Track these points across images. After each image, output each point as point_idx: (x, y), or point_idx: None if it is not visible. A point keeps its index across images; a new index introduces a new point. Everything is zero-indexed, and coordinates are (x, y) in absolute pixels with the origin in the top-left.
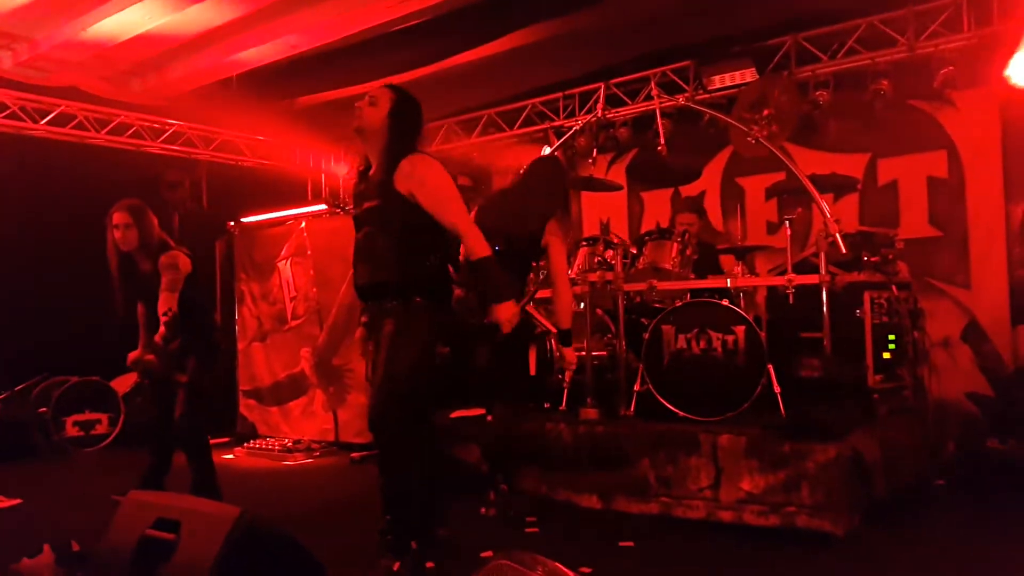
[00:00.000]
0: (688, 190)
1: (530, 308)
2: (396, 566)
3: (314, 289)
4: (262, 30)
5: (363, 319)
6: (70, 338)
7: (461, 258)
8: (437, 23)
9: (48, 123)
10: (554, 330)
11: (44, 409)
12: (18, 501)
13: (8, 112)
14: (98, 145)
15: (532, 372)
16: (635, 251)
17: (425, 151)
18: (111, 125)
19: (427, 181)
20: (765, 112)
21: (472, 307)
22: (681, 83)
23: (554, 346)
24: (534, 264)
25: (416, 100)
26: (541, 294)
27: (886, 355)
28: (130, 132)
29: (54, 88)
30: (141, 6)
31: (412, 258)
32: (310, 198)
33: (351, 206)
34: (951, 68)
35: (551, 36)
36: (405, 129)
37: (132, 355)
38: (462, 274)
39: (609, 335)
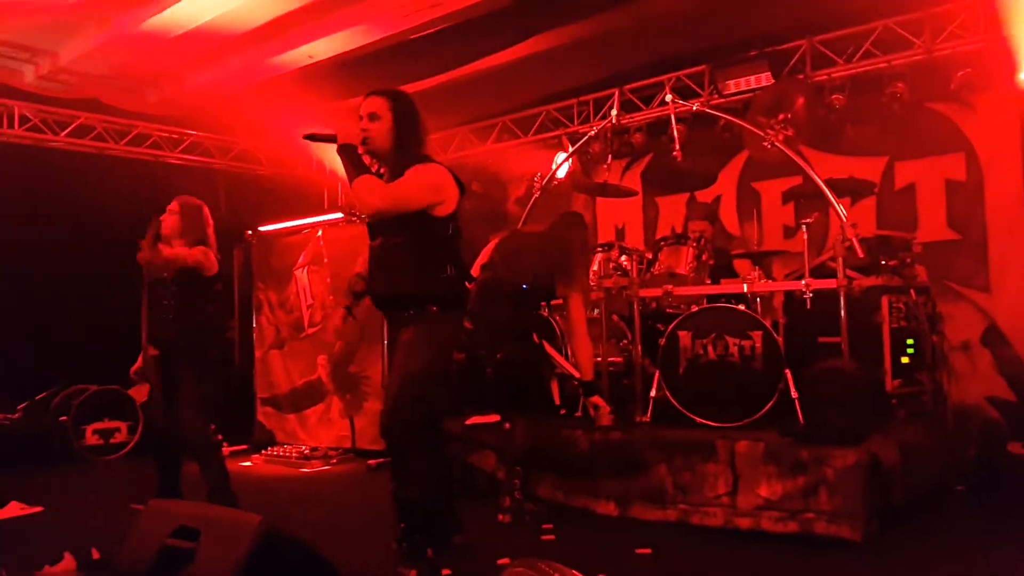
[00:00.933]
0: (704, 195)
1: (550, 349)
2: (412, 574)
3: (331, 297)
4: (278, 41)
5: (346, 302)
6: (89, 347)
7: (475, 272)
8: (454, 31)
9: (68, 135)
10: (576, 374)
11: (64, 418)
12: (39, 509)
13: (29, 124)
14: (117, 156)
15: (556, 402)
16: (650, 257)
17: (434, 159)
18: (129, 136)
19: (412, 172)
20: (781, 116)
21: (481, 341)
22: (696, 88)
23: (569, 351)
24: (543, 303)
25: (407, 94)
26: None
27: (905, 359)
28: (148, 143)
29: (74, 100)
30: (160, 18)
31: (428, 269)
32: (326, 206)
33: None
34: (968, 70)
35: (565, 42)
36: (411, 132)
37: (134, 368)
38: (472, 306)
39: (625, 341)
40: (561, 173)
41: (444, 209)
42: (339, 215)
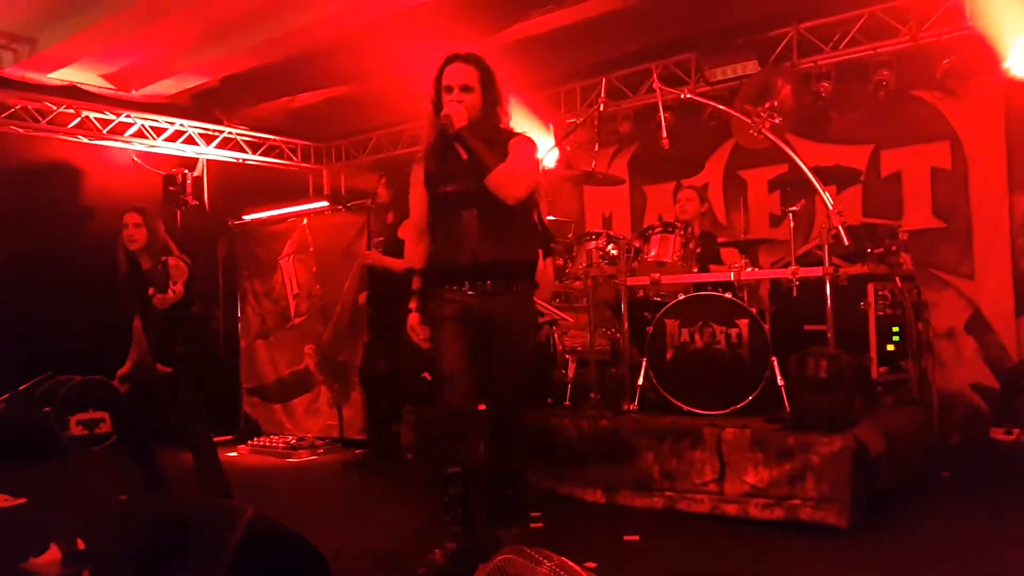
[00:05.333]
0: (691, 183)
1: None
2: (515, 531)
3: (317, 286)
4: (261, 30)
5: (413, 304)
6: (73, 337)
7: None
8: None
9: (49, 123)
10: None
11: (48, 408)
12: (23, 500)
13: (9, 112)
14: (99, 145)
15: None
16: (638, 245)
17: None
18: (112, 124)
19: (527, 149)
20: (767, 104)
21: None
22: (683, 76)
23: (557, 339)
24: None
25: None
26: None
27: (890, 347)
28: (131, 131)
29: (55, 88)
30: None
31: (528, 239)
32: (311, 195)
33: (351, 203)
34: (954, 58)
35: (551, 29)
36: (501, 102)
37: (121, 372)
38: None
39: (612, 329)
40: (548, 161)
41: None
42: (324, 204)
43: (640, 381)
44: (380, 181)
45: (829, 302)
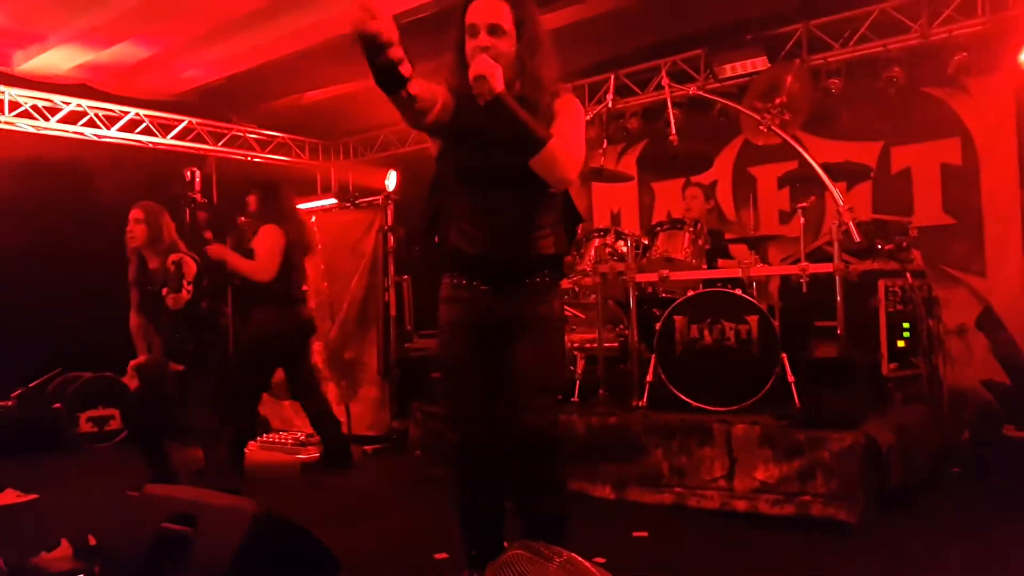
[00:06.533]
0: (700, 180)
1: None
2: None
3: (324, 283)
4: (268, 27)
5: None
6: (83, 334)
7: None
8: (444, 14)
9: (59, 120)
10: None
11: (58, 405)
12: (35, 496)
13: (19, 110)
14: (109, 142)
15: None
16: (647, 242)
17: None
18: (122, 122)
19: (574, 113)
20: (777, 100)
21: None
22: (692, 72)
23: (567, 337)
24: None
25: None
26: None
27: (901, 343)
28: (140, 128)
29: (65, 85)
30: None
31: (562, 230)
32: (319, 192)
33: (360, 200)
34: (965, 54)
35: (560, 26)
36: (542, 52)
37: (134, 363)
38: None
39: (621, 326)
40: None
41: None
42: (332, 201)
43: (649, 377)
44: (250, 195)
45: (839, 298)
